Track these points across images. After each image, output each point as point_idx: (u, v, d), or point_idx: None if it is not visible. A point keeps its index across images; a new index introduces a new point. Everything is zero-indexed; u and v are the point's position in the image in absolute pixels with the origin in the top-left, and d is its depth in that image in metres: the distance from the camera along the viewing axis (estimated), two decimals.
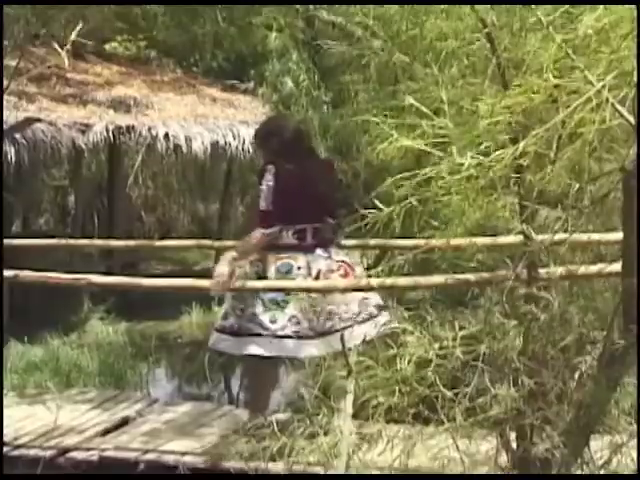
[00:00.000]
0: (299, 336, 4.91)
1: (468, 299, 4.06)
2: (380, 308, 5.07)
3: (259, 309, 4.94)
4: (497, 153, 2.92)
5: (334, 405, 3.78)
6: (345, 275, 5.10)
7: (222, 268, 4.79)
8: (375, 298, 5.08)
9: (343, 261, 5.15)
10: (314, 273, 5.01)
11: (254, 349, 4.97)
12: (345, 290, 4.83)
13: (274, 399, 5.40)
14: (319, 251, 5.08)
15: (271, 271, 5.00)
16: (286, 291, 4.94)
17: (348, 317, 4.98)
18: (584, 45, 2.95)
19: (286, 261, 5.02)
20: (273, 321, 4.92)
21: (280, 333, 4.91)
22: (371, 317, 5.04)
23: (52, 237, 8.06)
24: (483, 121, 3.00)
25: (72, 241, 7.04)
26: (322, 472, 3.67)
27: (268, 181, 4.99)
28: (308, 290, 4.87)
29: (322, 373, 3.55)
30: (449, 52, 3.55)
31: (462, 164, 2.94)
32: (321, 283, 4.96)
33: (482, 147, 3.01)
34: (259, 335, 4.94)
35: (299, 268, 5.01)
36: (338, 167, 9.35)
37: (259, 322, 4.94)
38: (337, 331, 4.90)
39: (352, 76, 7.80)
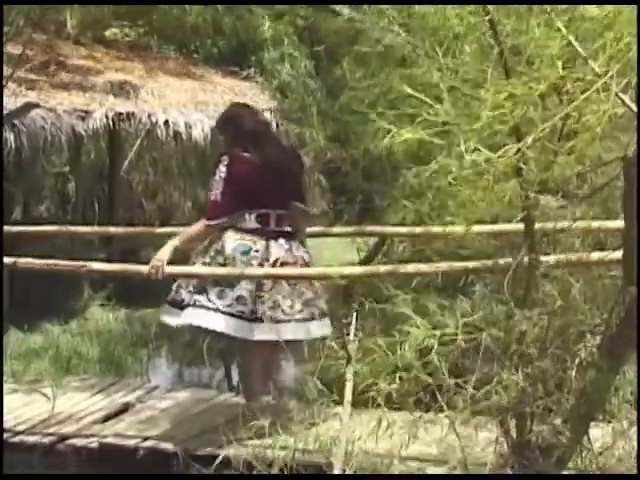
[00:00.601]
0: (242, 317, 4.96)
1: (464, 286, 4.06)
2: (322, 313, 5.16)
3: (209, 282, 5.00)
4: (506, 149, 2.90)
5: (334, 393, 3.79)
6: None
7: (162, 254, 4.90)
8: (320, 302, 5.18)
9: (302, 257, 5.22)
10: (272, 259, 5.08)
11: (196, 320, 5.03)
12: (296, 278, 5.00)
13: (270, 384, 5.39)
14: (282, 241, 5.13)
15: (229, 250, 5.04)
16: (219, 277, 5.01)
17: (290, 312, 5.03)
18: (587, 32, 2.94)
19: (245, 242, 5.07)
20: (221, 297, 4.97)
21: (226, 310, 4.96)
22: (312, 319, 5.11)
23: (53, 224, 8.04)
24: (486, 112, 2.98)
25: (72, 228, 7.02)
26: (322, 459, 3.67)
27: (221, 172, 5.05)
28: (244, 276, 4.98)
29: (321, 360, 3.55)
30: (453, 36, 3.54)
31: (469, 160, 2.93)
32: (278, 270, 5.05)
33: (485, 137, 3.00)
34: (204, 307, 4.99)
35: (256, 251, 5.07)
36: (338, 155, 9.36)
37: (207, 295, 4.99)
38: (278, 322, 4.97)
39: (352, 62, 7.79)
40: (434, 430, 3.68)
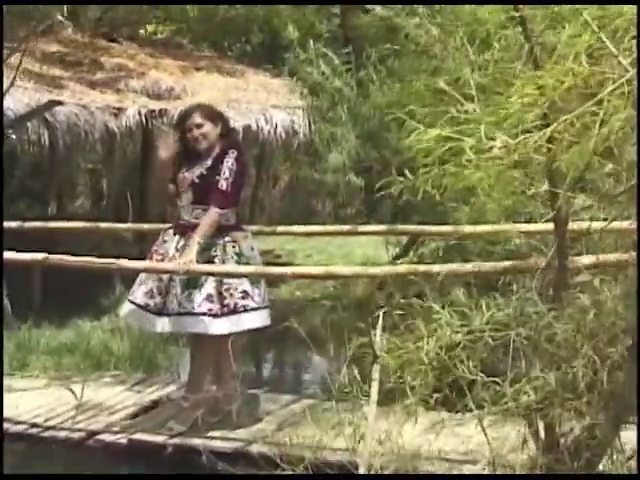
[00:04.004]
0: (212, 314, 5.07)
1: (500, 284, 4.02)
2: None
3: (178, 289, 5.12)
4: (523, 137, 2.87)
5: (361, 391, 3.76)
6: None
7: (190, 253, 5.00)
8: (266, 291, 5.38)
9: None
10: (255, 249, 5.36)
11: (164, 327, 5.23)
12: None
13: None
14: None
15: (246, 250, 5.23)
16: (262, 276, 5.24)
17: (258, 300, 5.20)
18: (616, 29, 2.89)
19: (250, 240, 5.32)
20: (190, 300, 5.09)
21: (196, 311, 5.07)
22: (267, 306, 5.31)
23: (86, 220, 8.10)
24: (513, 103, 2.95)
25: (103, 225, 7.05)
26: (347, 457, 3.66)
27: (231, 164, 5.16)
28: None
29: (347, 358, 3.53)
30: (484, 34, 3.50)
31: (487, 145, 2.89)
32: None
33: (510, 129, 2.95)
34: (179, 314, 5.12)
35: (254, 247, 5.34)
36: (369, 154, 9.35)
37: (178, 301, 5.11)
38: (251, 310, 5.15)
39: (383, 60, 7.76)
40: (462, 430, 3.66)
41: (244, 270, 5.10)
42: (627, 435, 3.48)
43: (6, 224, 5.71)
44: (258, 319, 5.20)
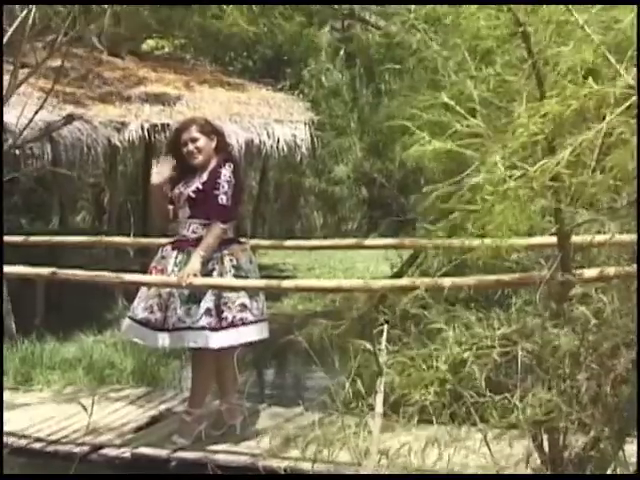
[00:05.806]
0: (211, 327, 5.05)
1: (502, 299, 4.03)
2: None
3: (177, 304, 5.09)
4: (540, 164, 2.87)
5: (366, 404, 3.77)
6: None
7: (194, 266, 4.96)
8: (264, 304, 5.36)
9: None
10: (254, 262, 5.34)
11: (164, 341, 5.17)
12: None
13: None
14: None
15: (244, 263, 5.21)
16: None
17: (257, 313, 5.18)
18: (621, 45, 2.91)
19: (248, 253, 5.29)
20: (189, 314, 5.07)
21: (195, 325, 5.05)
22: (265, 319, 5.29)
23: (89, 234, 8.12)
24: (520, 131, 2.96)
25: (106, 239, 7.07)
26: (352, 472, 3.66)
27: (228, 178, 5.14)
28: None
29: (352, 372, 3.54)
30: (486, 49, 3.52)
31: (504, 177, 2.91)
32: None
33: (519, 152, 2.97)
34: (179, 329, 5.10)
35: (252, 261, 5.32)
36: (374, 166, 9.40)
37: (178, 315, 5.08)
38: (250, 323, 5.12)
39: (390, 75, 7.79)
40: (468, 444, 3.65)
41: (256, 284, 5.13)
42: (631, 449, 3.48)
43: (10, 238, 5.73)
44: (256, 332, 5.19)
